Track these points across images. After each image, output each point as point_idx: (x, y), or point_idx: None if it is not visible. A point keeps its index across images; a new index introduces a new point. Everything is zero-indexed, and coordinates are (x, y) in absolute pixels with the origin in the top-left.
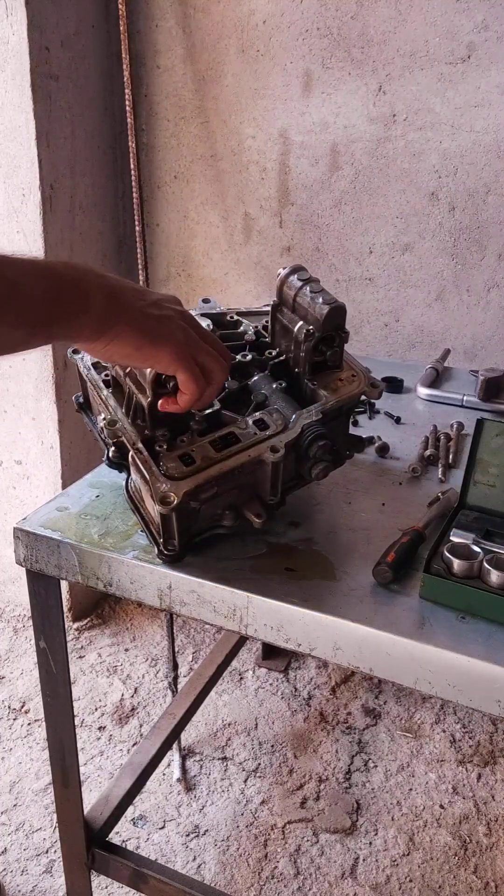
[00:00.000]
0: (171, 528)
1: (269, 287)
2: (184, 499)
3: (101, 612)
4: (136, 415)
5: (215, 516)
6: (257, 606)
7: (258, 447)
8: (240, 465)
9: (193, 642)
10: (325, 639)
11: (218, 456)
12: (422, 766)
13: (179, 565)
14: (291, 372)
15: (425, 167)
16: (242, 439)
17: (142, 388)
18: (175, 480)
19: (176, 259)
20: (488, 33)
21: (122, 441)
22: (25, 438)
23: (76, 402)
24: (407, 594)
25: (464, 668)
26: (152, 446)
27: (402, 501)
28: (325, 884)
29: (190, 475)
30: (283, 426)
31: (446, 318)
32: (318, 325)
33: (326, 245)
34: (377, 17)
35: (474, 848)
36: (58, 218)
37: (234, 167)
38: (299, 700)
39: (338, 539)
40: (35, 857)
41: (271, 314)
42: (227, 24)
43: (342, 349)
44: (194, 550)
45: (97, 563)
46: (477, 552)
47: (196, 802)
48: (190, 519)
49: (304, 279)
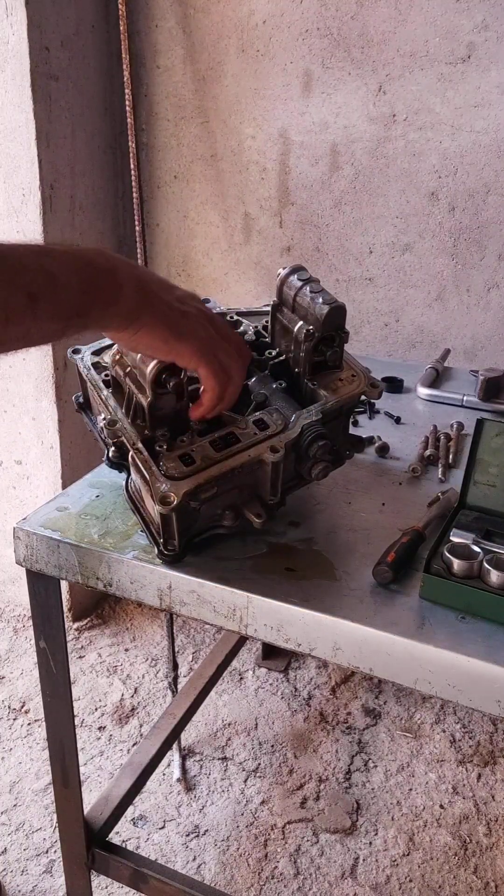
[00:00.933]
0: (171, 529)
1: (268, 287)
2: (183, 499)
3: (101, 612)
4: (136, 415)
5: (215, 516)
6: (257, 606)
7: (258, 447)
8: (240, 464)
9: (193, 642)
10: (325, 639)
11: (218, 456)
12: (422, 766)
13: (179, 565)
14: (291, 372)
15: (425, 167)
16: (242, 439)
17: (142, 388)
18: (175, 480)
19: (176, 259)
20: (488, 33)
21: (121, 441)
22: (25, 438)
23: (76, 402)
24: (407, 594)
25: (464, 668)
26: (152, 446)
27: (402, 501)
28: (325, 884)
29: (190, 475)
30: (284, 426)
31: (446, 318)
32: (318, 324)
33: (326, 245)
34: (377, 17)
35: (474, 848)
36: (58, 218)
37: (234, 167)
38: (299, 700)
39: (338, 539)
40: (35, 857)
41: (271, 314)
42: (226, 24)
43: (342, 349)
44: (194, 550)
45: (97, 563)
46: (477, 552)
47: (196, 802)
48: (190, 519)
49: (303, 279)
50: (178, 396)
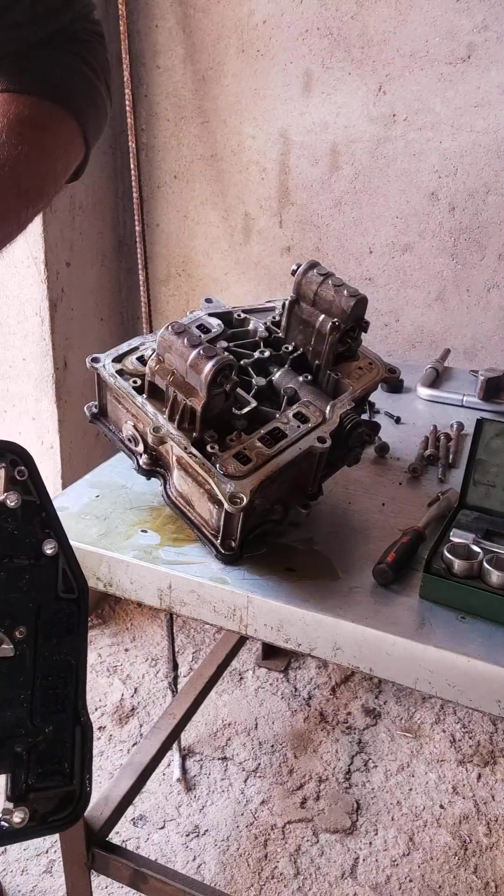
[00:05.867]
0: (232, 528)
1: (269, 287)
2: (251, 496)
3: (101, 612)
4: (184, 419)
5: (265, 511)
6: (257, 606)
7: (305, 439)
8: (293, 458)
9: (193, 642)
10: (325, 639)
11: (271, 452)
12: (422, 766)
13: (179, 565)
14: (310, 364)
15: (425, 167)
16: (288, 433)
17: (191, 391)
18: (238, 479)
19: (176, 259)
20: (488, 33)
21: (158, 448)
22: (25, 438)
23: (90, 413)
24: (407, 594)
25: (464, 668)
26: (203, 448)
27: (402, 501)
28: (325, 884)
29: (250, 473)
30: (322, 417)
31: (446, 318)
32: (343, 316)
33: (326, 245)
34: (377, 17)
35: (474, 848)
36: (58, 218)
37: (234, 167)
38: (299, 700)
39: (338, 539)
40: (35, 857)
41: (287, 309)
42: (227, 24)
43: (360, 339)
44: (249, 548)
45: (97, 563)
46: (477, 552)
47: (196, 802)
48: (252, 516)
49: (323, 273)
50: (226, 396)
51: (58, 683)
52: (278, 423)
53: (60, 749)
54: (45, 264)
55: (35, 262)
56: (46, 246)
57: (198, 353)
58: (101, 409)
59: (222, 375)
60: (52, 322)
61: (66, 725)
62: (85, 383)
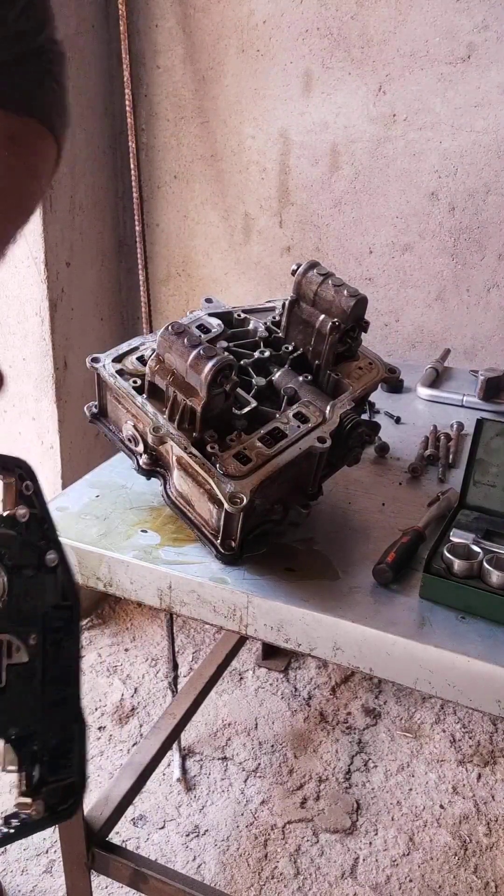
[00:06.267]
0: (232, 528)
1: (268, 287)
2: (251, 496)
3: (101, 612)
4: (183, 419)
5: (265, 511)
6: (257, 606)
7: (306, 439)
8: (294, 458)
9: (193, 642)
10: (325, 639)
11: (271, 452)
12: (422, 766)
13: (179, 565)
14: (310, 364)
15: (425, 167)
16: (288, 433)
17: (191, 391)
18: (237, 479)
19: (176, 259)
20: (488, 33)
21: (158, 448)
22: (25, 438)
23: (90, 413)
24: (407, 594)
25: (464, 668)
26: (203, 448)
27: (402, 501)
28: (325, 884)
29: (250, 473)
30: (322, 417)
31: (446, 318)
32: (344, 316)
33: (326, 245)
34: (377, 17)
35: (474, 848)
36: (58, 218)
37: (234, 167)
38: (299, 700)
39: (338, 539)
40: (35, 857)
41: (287, 309)
42: (227, 24)
43: (360, 339)
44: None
45: (97, 563)
46: (477, 552)
47: (196, 802)
48: (252, 516)
49: (323, 273)
50: (226, 396)
51: (62, 684)
52: (278, 423)
53: (66, 744)
54: (45, 264)
55: (35, 262)
56: (46, 246)
57: (198, 353)
58: (101, 409)
59: (222, 375)
60: (52, 322)
61: (69, 722)
62: (85, 383)
